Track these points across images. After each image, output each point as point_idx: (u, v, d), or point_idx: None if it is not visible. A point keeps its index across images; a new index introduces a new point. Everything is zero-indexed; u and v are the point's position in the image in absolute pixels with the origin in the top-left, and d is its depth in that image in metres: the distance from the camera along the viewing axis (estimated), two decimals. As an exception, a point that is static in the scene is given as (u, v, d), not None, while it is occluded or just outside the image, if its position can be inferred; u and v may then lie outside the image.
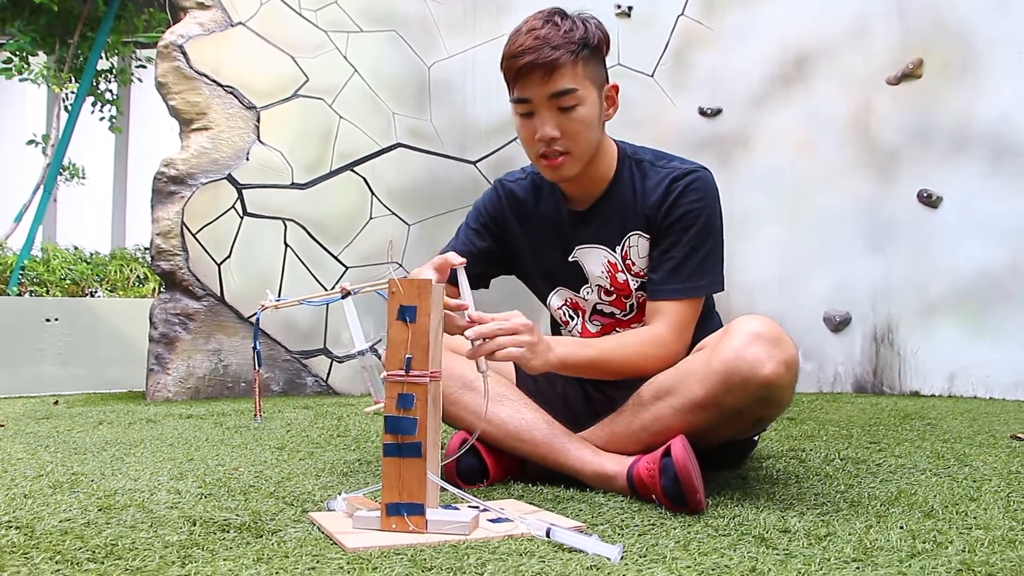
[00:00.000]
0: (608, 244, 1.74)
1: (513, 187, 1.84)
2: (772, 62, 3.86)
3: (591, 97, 1.64)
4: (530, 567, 1.07)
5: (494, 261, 1.85)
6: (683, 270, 1.67)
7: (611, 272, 1.75)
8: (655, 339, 1.65)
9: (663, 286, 1.68)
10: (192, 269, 3.71)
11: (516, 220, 1.82)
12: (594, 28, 1.65)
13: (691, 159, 1.73)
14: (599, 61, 1.67)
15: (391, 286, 1.32)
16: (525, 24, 1.64)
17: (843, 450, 2.08)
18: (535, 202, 1.80)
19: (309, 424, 2.68)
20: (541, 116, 1.62)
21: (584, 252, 1.76)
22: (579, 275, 1.78)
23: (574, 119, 1.62)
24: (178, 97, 3.74)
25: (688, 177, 1.68)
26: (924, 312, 3.63)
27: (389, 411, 1.30)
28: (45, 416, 2.98)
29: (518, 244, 1.83)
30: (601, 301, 1.78)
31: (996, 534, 1.25)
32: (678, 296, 1.67)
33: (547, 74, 1.59)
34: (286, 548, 1.18)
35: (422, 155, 3.99)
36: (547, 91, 1.60)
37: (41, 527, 1.29)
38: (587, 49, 1.62)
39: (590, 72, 1.63)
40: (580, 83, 1.61)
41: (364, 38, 3.96)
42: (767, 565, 1.08)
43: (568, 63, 1.59)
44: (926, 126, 3.65)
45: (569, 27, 1.61)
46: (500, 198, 1.84)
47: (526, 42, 1.59)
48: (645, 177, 1.72)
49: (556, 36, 1.59)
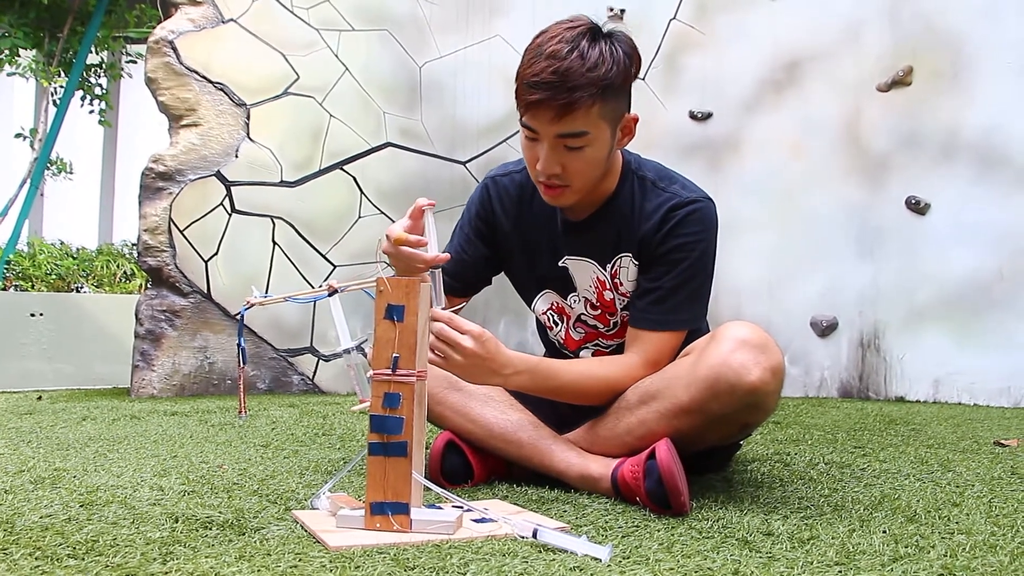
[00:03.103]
0: (599, 260, 1.69)
1: (505, 182, 1.76)
2: (763, 67, 3.87)
3: (603, 137, 1.53)
4: (513, 567, 1.07)
5: (489, 264, 1.81)
6: (668, 301, 1.62)
7: (599, 288, 1.70)
8: (626, 372, 1.61)
9: (645, 315, 1.64)
10: (179, 266, 3.69)
11: (507, 218, 1.75)
12: (622, 58, 1.50)
13: (681, 162, 1.71)
14: (621, 94, 1.54)
15: (379, 285, 1.31)
16: (550, 41, 1.48)
17: (828, 454, 2.09)
18: (530, 198, 1.72)
19: (294, 422, 2.67)
20: (546, 149, 1.52)
21: (574, 263, 1.71)
22: (568, 282, 1.74)
23: (580, 158, 1.53)
24: (168, 93, 3.72)
25: (688, 207, 1.61)
26: (911, 318, 3.64)
27: (375, 410, 1.29)
28: (28, 411, 2.96)
29: (508, 243, 1.77)
30: (586, 313, 1.75)
31: (978, 539, 1.26)
32: (658, 328, 1.63)
33: (559, 116, 1.47)
34: (268, 546, 1.17)
35: (412, 155, 3.98)
36: (556, 131, 1.50)
37: (21, 523, 1.28)
38: (609, 89, 1.48)
39: (608, 111, 1.51)
40: (594, 125, 1.50)
41: (356, 37, 3.95)
42: (750, 568, 1.08)
43: (585, 106, 1.46)
44: (915, 133, 3.67)
45: (595, 60, 1.46)
46: (490, 197, 1.77)
47: (544, 73, 1.45)
48: (645, 197, 1.64)
49: (578, 71, 1.44)
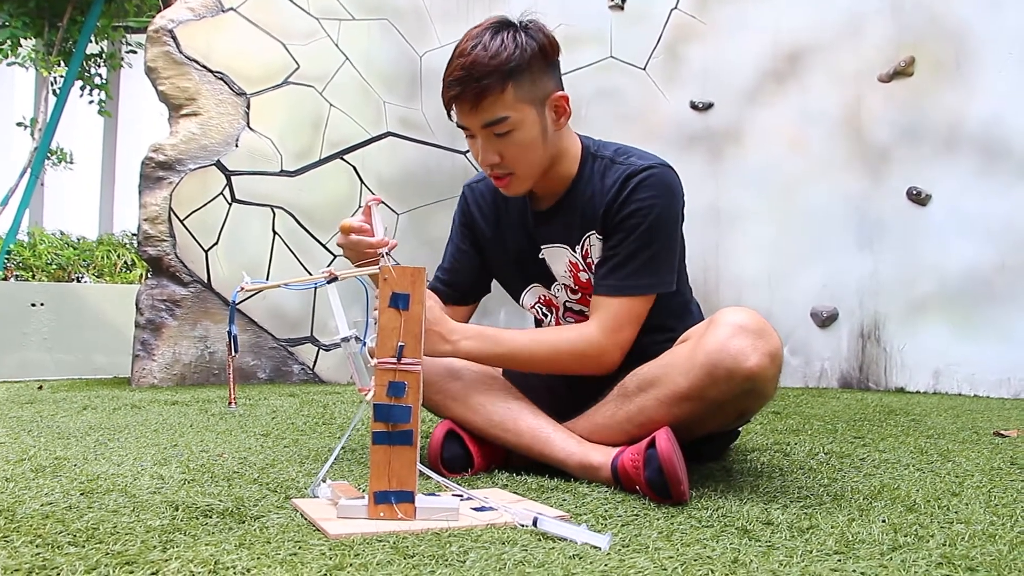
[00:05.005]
0: (569, 244, 1.71)
1: (481, 188, 1.83)
2: (765, 57, 3.86)
3: (528, 119, 1.57)
4: (512, 555, 1.07)
5: (483, 269, 1.86)
6: (626, 267, 1.62)
7: (573, 271, 1.72)
8: (581, 337, 1.62)
9: (602, 281, 1.65)
10: (179, 255, 3.69)
11: (484, 222, 1.81)
12: (524, 42, 1.55)
13: (682, 153, 1.71)
14: (537, 75, 1.58)
15: (383, 272, 1.30)
16: (461, 43, 1.57)
17: (827, 444, 2.09)
18: (504, 200, 1.78)
19: (294, 412, 2.67)
20: (480, 142, 1.60)
21: (549, 251, 1.74)
22: (549, 273, 1.77)
23: (512, 143, 1.58)
24: (167, 82, 3.72)
25: (643, 173, 1.62)
26: (911, 309, 3.64)
27: (379, 399, 1.29)
28: (29, 401, 2.96)
29: (491, 245, 1.82)
30: (569, 299, 1.77)
31: (977, 528, 1.25)
32: (614, 293, 1.62)
33: (474, 106, 1.55)
34: (268, 534, 1.17)
35: (412, 144, 3.97)
36: (478, 121, 1.57)
37: (22, 511, 1.28)
38: (517, 71, 1.53)
39: (524, 93, 1.56)
40: (511, 108, 1.55)
41: (356, 26, 3.94)
42: (749, 556, 1.08)
43: (495, 92, 1.53)
44: (917, 124, 3.66)
45: (497, 48, 1.52)
46: (468, 203, 1.84)
47: (454, 71, 1.54)
48: (605, 175, 1.66)
49: (482, 62, 1.52)
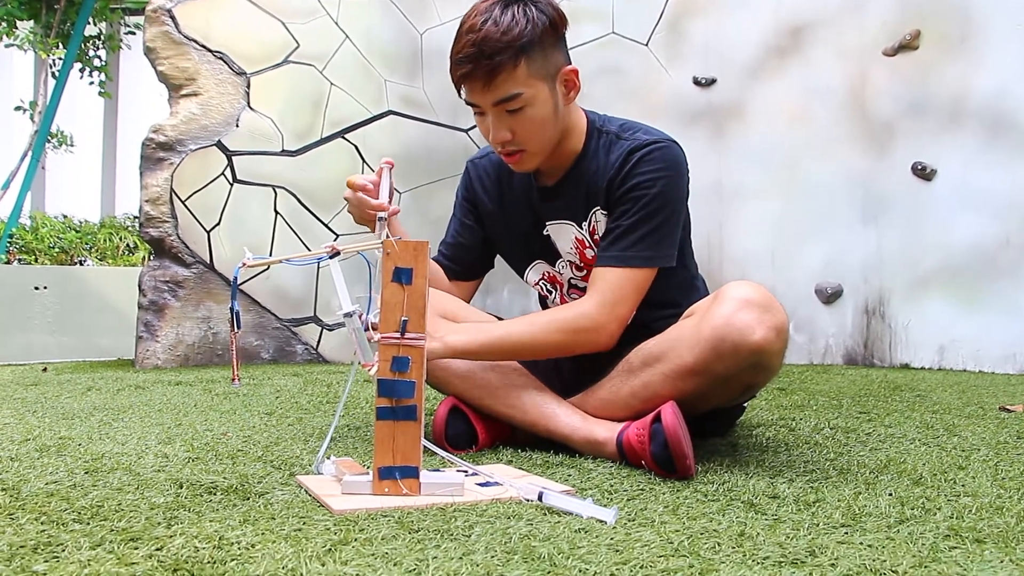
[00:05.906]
0: (575, 220, 1.70)
1: (484, 164, 1.83)
2: (767, 32, 3.82)
3: (541, 94, 1.56)
4: (518, 529, 1.07)
5: (486, 244, 1.87)
6: (627, 238, 1.60)
7: (579, 248, 1.72)
8: (577, 313, 1.59)
9: (604, 253, 1.63)
10: (181, 236, 3.68)
11: (488, 198, 1.81)
12: (535, 17, 1.53)
13: (684, 129, 1.70)
14: (549, 50, 1.57)
15: (386, 247, 1.29)
16: (468, 18, 1.55)
17: (833, 420, 2.08)
18: (508, 175, 1.78)
19: (299, 391, 2.67)
20: (491, 119, 1.58)
21: (554, 228, 1.74)
22: (554, 249, 1.76)
23: (524, 120, 1.57)
24: (167, 62, 3.69)
25: (648, 148, 1.60)
26: (916, 285, 3.63)
27: (383, 374, 1.28)
28: (33, 383, 2.97)
29: (494, 221, 1.82)
30: (574, 276, 1.77)
31: (984, 501, 1.25)
32: (614, 264, 1.60)
33: (487, 84, 1.53)
34: (273, 510, 1.17)
35: (414, 123, 3.95)
36: (491, 99, 1.55)
37: (27, 489, 1.28)
38: (529, 47, 1.52)
39: (536, 68, 1.55)
40: (525, 84, 1.54)
41: (356, 4, 3.91)
42: (755, 529, 1.08)
43: (508, 69, 1.51)
44: (922, 98, 3.63)
45: (509, 23, 1.51)
46: (471, 180, 1.84)
47: (465, 48, 1.52)
48: (610, 150, 1.65)
49: (494, 38, 1.50)
